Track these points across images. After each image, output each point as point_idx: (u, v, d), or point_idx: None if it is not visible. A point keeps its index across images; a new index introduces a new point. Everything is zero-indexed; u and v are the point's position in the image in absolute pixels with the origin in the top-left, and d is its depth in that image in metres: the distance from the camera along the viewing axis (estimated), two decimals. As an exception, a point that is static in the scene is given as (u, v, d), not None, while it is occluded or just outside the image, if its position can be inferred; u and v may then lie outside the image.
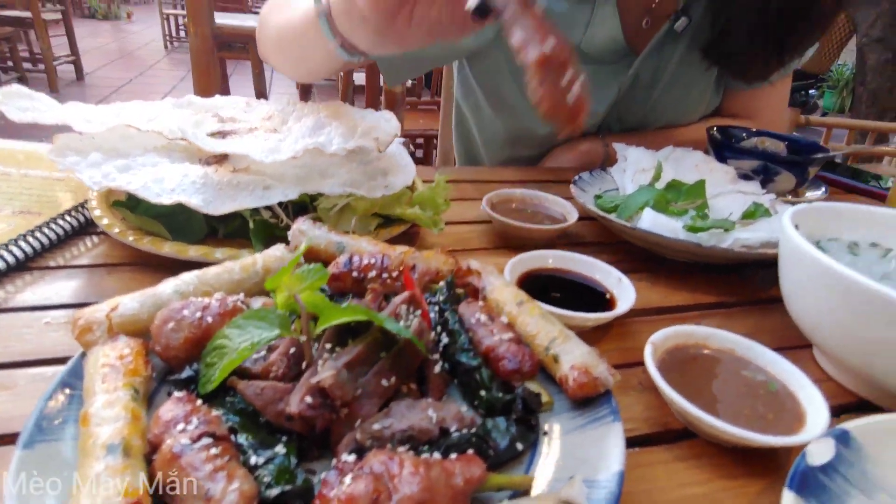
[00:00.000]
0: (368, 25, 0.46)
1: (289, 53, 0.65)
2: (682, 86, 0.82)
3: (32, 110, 0.48)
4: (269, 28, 0.69)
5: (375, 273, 0.36)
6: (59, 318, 0.39)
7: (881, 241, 0.44)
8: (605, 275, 0.45)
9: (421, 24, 0.45)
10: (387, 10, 0.43)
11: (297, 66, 0.68)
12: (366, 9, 0.43)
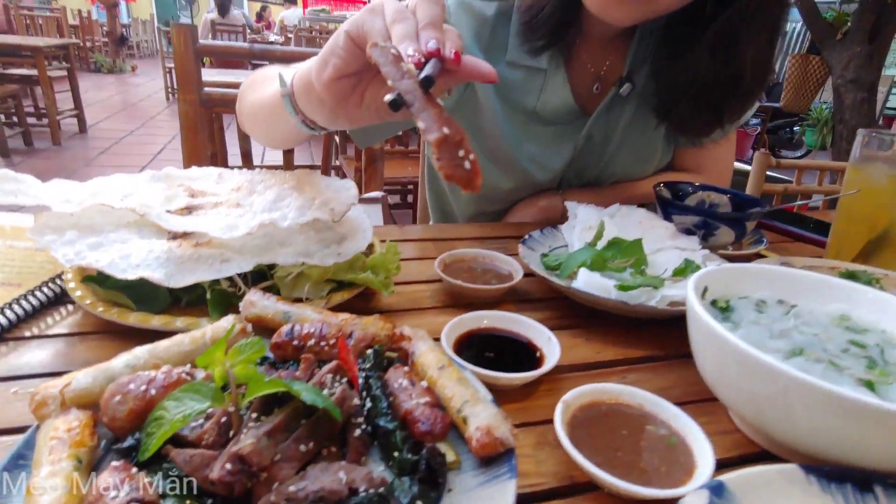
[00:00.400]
0: (325, 106, 0.51)
1: (261, 127, 0.72)
2: (632, 144, 0.88)
3: (18, 193, 0.52)
4: (244, 104, 0.76)
5: (314, 341, 0.40)
6: (28, 387, 0.42)
7: (787, 298, 0.49)
8: (537, 333, 0.49)
9: (370, 107, 0.51)
10: (339, 94, 0.49)
11: (268, 138, 0.75)
12: (322, 92, 0.49)
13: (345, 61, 0.46)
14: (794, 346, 0.41)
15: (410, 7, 0.44)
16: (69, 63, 4.88)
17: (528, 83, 0.82)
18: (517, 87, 0.83)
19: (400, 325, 0.53)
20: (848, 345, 0.42)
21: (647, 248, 0.65)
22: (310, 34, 6.42)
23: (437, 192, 1.03)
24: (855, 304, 0.47)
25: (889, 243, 0.70)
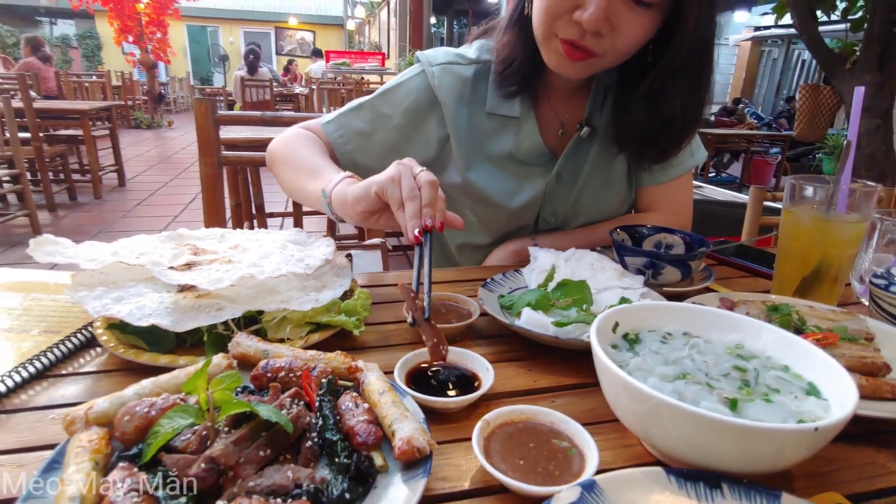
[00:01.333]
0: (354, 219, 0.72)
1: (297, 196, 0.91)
2: (598, 181, 1.00)
3: (55, 254, 0.65)
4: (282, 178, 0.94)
5: (284, 373, 0.50)
6: (62, 414, 0.53)
7: (692, 330, 0.56)
8: (479, 364, 0.58)
9: (383, 226, 0.72)
10: (364, 219, 0.71)
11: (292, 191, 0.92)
12: (352, 218, 0.72)
13: (371, 206, 0.68)
14: (680, 371, 0.49)
15: (418, 182, 0.66)
16: (111, 123, 5.28)
17: (504, 130, 0.97)
18: (496, 133, 0.98)
19: (372, 359, 0.63)
20: (730, 369, 0.50)
21: (595, 287, 0.74)
22: (332, 85, 6.78)
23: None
24: (747, 335, 0.54)
25: (821, 280, 0.77)
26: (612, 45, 0.78)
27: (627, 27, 0.76)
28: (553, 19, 0.78)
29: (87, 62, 17.46)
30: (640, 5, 0.75)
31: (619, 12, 0.74)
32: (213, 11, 16.70)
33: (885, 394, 0.55)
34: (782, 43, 12.58)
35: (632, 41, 0.78)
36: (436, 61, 0.96)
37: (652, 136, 0.90)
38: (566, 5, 0.76)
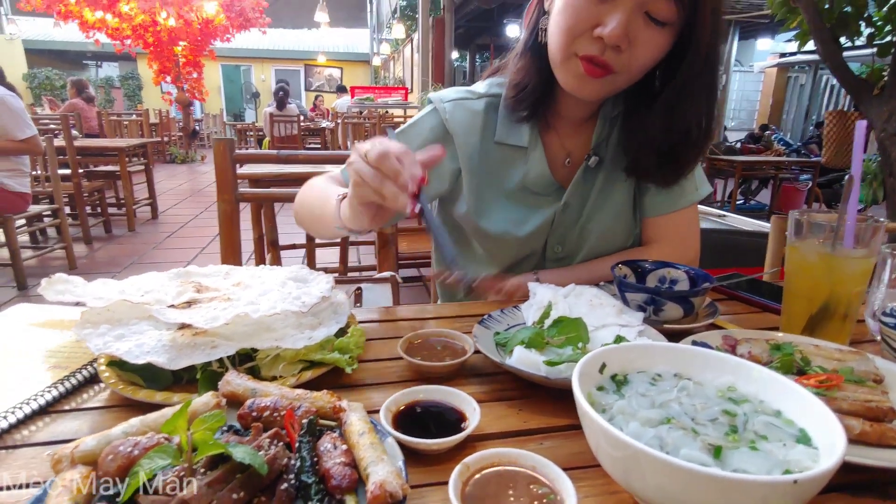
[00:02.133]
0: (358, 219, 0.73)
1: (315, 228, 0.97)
2: (603, 211, 1.01)
3: (66, 292, 0.68)
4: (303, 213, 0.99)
5: (268, 413, 0.51)
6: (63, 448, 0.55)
7: (684, 371, 0.55)
8: (466, 404, 0.58)
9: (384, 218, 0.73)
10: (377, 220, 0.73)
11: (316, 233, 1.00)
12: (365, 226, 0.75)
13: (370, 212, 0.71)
14: (666, 415, 0.48)
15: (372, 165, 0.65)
16: (146, 159, 5.52)
17: (512, 159, 1.00)
18: (504, 163, 1.01)
19: (365, 396, 0.64)
20: (719, 413, 0.48)
21: (592, 324, 0.73)
22: (357, 119, 6.97)
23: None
24: (739, 378, 0.53)
25: (830, 317, 0.75)
26: (629, 62, 0.82)
27: (644, 44, 0.80)
28: (574, 38, 0.82)
29: (129, 101, 18.40)
30: (657, 24, 0.79)
31: (637, 29, 0.79)
32: (246, 51, 17.47)
33: (891, 441, 0.52)
34: (809, 68, 12.43)
35: (647, 58, 0.82)
36: (447, 98, 1.01)
37: (671, 148, 0.92)
38: (587, 23, 0.80)
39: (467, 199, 1.00)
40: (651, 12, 0.78)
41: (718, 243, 2.46)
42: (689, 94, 0.87)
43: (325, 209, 0.85)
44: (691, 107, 0.88)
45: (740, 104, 14.83)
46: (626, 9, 0.77)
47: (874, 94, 3.83)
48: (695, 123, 0.90)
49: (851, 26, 3.93)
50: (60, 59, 18.23)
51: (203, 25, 10.73)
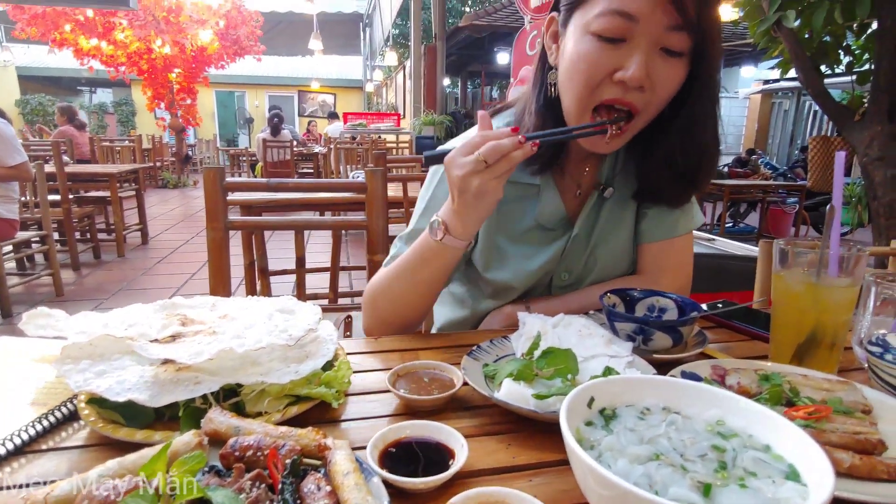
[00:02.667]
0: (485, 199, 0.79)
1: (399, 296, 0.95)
2: (611, 236, 1.03)
3: (47, 326, 0.67)
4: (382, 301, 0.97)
5: (251, 452, 0.50)
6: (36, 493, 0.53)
7: (672, 405, 0.55)
8: (454, 440, 0.57)
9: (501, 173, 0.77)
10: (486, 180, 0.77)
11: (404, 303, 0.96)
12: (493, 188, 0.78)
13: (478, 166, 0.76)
14: (654, 451, 0.47)
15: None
16: (138, 184, 5.51)
17: (526, 199, 1.01)
18: (518, 201, 1.01)
19: (352, 431, 0.63)
20: (708, 449, 0.48)
21: (581, 355, 0.73)
22: (350, 144, 7.03)
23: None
24: (727, 411, 0.52)
25: (817, 346, 0.75)
26: (651, 99, 0.83)
27: (665, 79, 0.81)
28: (593, 87, 0.83)
29: (122, 127, 18.46)
30: (673, 56, 0.80)
31: (655, 66, 0.80)
32: (240, 78, 17.64)
33: (880, 474, 0.52)
34: (792, 95, 12.73)
35: (669, 92, 0.84)
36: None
37: (690, 165, 0.93)
38: (606, 70, 0.81)
39: (480, 248, 1.02)
40: (667, 46, 0.79)
41: (709, 267, 2.48)
42: (704, 117, 0.89)
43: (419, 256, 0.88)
44: (705, 128, 0.90)
45: (727, 129, 15.10)
46: (644, 48, 0.78)
47: (855, 121, 3.92)
48: (710, 143, 0.92)
49: (831, 55, 4.04)
50: (54, 85, 18.33)
51: (198, 53, 10.85)
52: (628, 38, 0.78)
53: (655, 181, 0.98)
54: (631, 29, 0.77)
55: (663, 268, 1.03)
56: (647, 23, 0.76)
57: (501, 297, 1.03)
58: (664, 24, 0.76)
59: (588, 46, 0.80)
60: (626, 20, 0.77)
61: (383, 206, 1.45)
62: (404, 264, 0.91)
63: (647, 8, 0.75)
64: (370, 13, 15.77)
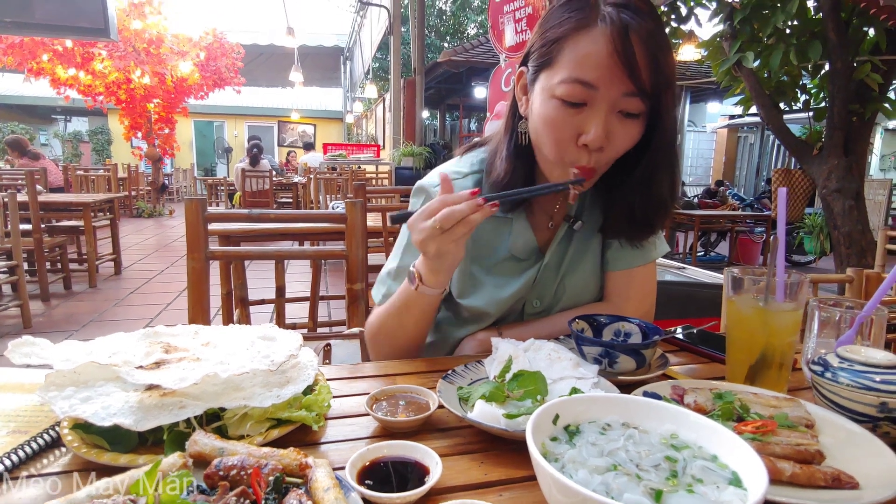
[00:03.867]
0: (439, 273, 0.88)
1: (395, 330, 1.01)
2: (579, 265, 1.09)
3: (31, 355, 0.68)
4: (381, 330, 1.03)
5: (235, 471, 0.52)
6: (18, 517, 0.54)
7: (631, 420, 0.59)
8: (429, 458, 0.60)
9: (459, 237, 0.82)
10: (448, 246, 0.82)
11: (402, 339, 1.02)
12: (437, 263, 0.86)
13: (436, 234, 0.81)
14: (612, 462, 0.51)
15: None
16: (113, 214, 5.45)
17: (498, 231, 1.07)
18: (492, 232, 1.06)
19: (332, 452, 0.65)
20: (661, 460, 0.52)
21: (550, 377, 0.77)
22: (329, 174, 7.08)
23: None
24: (680, 425, 0.57)
25: (768, 366, 0.80)
26: (609, 157, 0.90)
27: (622, 138, 0.88)
28: (564, 149, 0.90)
29: (97, 156, 18.23)
30: (630, 117, 0.87)
31: (614, 127, 0.87)
32: (219, 108, 17.69)
33: (818, 482, 0.57)
34: (757, 129, 13.32)
35: (625, 147, 0.91)
36: (435, 183, 1.07)
37: (647, 214, 1.01)
38: (571, 134, 0.88)
39: (455, 278, 1.07)
40: (624, 109, 0.85)
41: (679, 295, 2.56)
42: (661, 167, 0.96)
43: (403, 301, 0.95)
44: (663, 177, 0.98)
45: (696, 161, 15.66)
46: (603, 113, 0.85)
47: (814, 154, 4.14)
48: (667, 191, 0.99)
49: (788, 93, 4.29)
50: (28, 113, 18.09)
51: (178, 84, 10.89)
52: (589, 102, 0.85)
53: (617, 225, 1.05)
54: (591, 95, 0.84)
55: (627, 295, 1.08)
56: (605, 90, 0.83)
57: (476, 322, 1.08)
58: (621, 90, 0.83)
59: (553, 111, 0.87)
60: (587, 88, 0.83)
61: (363, 236, 1.49)
62: (392, 308, 0.98)
63: (606, 77, 0.82)
64: (351, 47, 16.10)
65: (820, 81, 4.14)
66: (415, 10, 8.62)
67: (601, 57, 0.82)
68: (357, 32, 14.49)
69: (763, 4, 3.73)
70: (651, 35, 0.82)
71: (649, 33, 0.82)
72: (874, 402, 0.66)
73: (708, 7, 4.30)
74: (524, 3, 3.77)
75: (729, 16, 3.94)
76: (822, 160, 4.02)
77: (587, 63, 0.83)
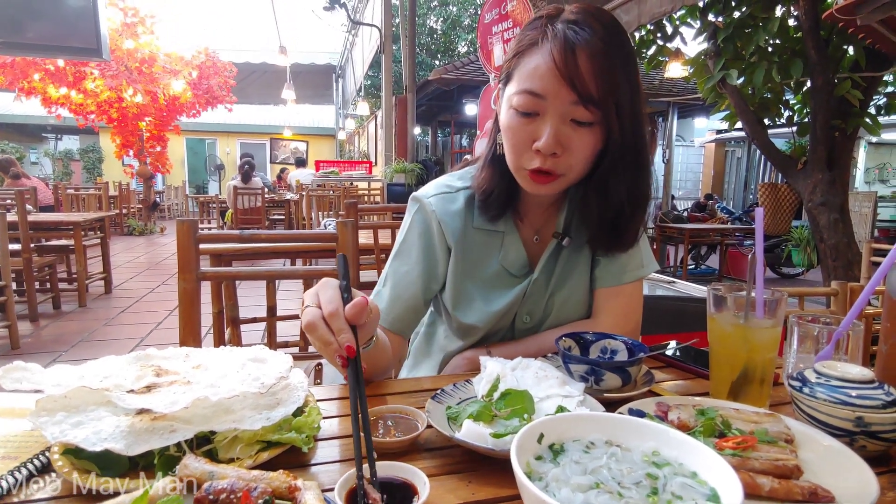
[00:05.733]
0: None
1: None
2: (568, 282, 1.11)
3: (23, 380, 0.69)
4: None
5: (225, 495, 0.53)
6: (8, 544, 0.54)
7: (614, 438, 0.61)
8: (417, 478, 0.61)
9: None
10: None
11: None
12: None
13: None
14: (595, 480, 0.53)
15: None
16: (104, 232, 5.42)
17: (489, 245, 1.10)
18: (484, 246, 1.10)
19: (322, 474, 0.66)
20: (643, 477, 0.53)
21: (537, 396, 0.78)
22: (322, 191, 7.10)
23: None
24: (662, 443, 0.58)
25: (749, 382, 0.82)
26: (569, 163, 0.94)
27: (577, 145, 0.93)
28: (519, 154, 0.96)
29: (88, 174, 18.18)
30: (581, 125, 0.92)
31: (567, 135, 0.92)
32: (211, 126, 17.73)
33: (796, 496, 0.58)
34: (744, 143, 13.54)
35: (583, 154, 0.95)
36: (430, 194, 1.12)
37: (605, 220, 1.04)
38: (527, 141, 0.94)
39: (448, 289, 1.10)
40: (575, 118, 0.91)
41: (670, 309, 2.59)
42: (614, 173, 0.99)
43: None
44: (619, 186, 1.00)
45: (686, 175, 15.86)
46: (553, 121, 0.90)
47: (798, 169, 4.21)
48: (625, 198, 1.01)
49: (772, 109, 4.38)
50: (18, 132, 18.05)
51: (170, 102, 10.93)
52: (541, 112, 0.91)
53: (588, 233, 1.08)
54: (541, 105, 0.90)
55: (613, 312, 1.10)
56: (553, 100, 0.89)
57: (466, 336, 1.10)
58: (568, 100, 0.89)
59: (510, 120, 0.95)
60: (536, 98, 0.90)
61: (354, 255, 1.51)
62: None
63: (552, 88, 0.88)
64: (343, 65, 16.25)
65: (802, 98, 4.24)
66: (406, 28, 8.74)
67: (546, 69, 0.88)
68: (349, 51, 14.65)
69: (745, 23, 3.83)
70: (599, 48, 0.87)
71: (597, 47, 0.87)
72: (850, 417, 0.68)
73: (692, 26, 4.40)
74: (512, 25, 3.85)
75: (712, 34, 4.04)
76: (807, 174, 4.10)
77: (535, 75, 0.90)
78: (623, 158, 0.97)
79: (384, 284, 1.12)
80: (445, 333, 1.14)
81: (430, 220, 1.09)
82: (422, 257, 1.09)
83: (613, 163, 0.97)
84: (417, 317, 1.12)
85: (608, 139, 0.95)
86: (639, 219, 1.06)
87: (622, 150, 0.96)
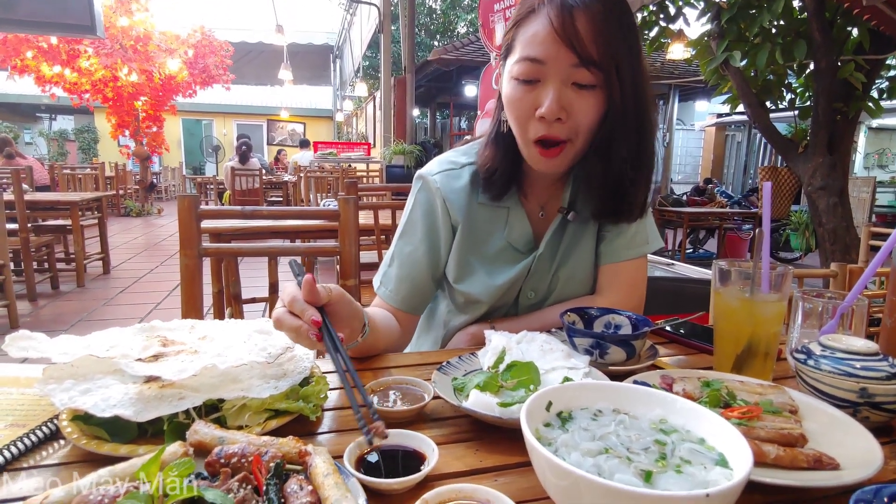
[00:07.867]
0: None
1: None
2: (573, 257, 1.11)
3: (29, 349, 0.69)
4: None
5: (236, 459, 0.53)
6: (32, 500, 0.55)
7: (621, 406, 0.61)
8: (426, 445, 0.61)
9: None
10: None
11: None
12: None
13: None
14: (604, 446, 0.53)
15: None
16: (101, 213, 5.39)
17: (495, 220, 1.09)
18: (489, 222, 1.09)
19: (329, 442, 0.66)
20: (651, 443, 0.54)
21: (543, 368, 0.78)
22: (319, 173, 7.06)
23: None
24: (669, 411, 0.59)
25: (754, 355, 0.83)
26: (574, 127, 0.93)
27: (580, 108, 0.92)
28: (524, 125, 0.95)
29: (84, 155, 18.01)
30: (583, 88, 0.91)
31: (570, 99, 0.91)
32: (208, 106, 17.55)
33: (801, 463, 0.59)
34: (744, 127, 13.47)
35: (588, 118, 0.93)
36: (434, 171, 1.10)
37: (610, 187, 1.02)
38: (529, 109, 0.93)
39: (451, 262, 1.09)
40: (577, 81, 0.90)
41: (668, 290, 2.60)
42: (618, 137, 0.97)
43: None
44: (621, 148, 0.98)
45: (685, 159, 15.80)
46: (555, 85, 0.90)
47: (799, 152, 4.19)
48: (629, 162, 1.00)
49: (774, 92, 4.34)
50: (11, 112, 17.84)
51: (165, 81, 10.79)
52: (542, 78, 0.91)
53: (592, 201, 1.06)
54: (542, 71, 0.90)
55: (617, 288, 1.11)
56: (553, 64, 0.89)
57: (470, 310, 1.10)
58: (568, 62, 0.88)
59: (512, 90, 0.94)
60: (536, 64, 0.90)
61: (355, 233, 1.50)
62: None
63: (552, 52, 0.88)
64: (340, 45, 16.04)
65: (805, 80, 4.20)
66: (405, 8, 8.61)
67: (545, 34, 0.88)
68: (347, 30, 14.44)
69: (749, 4, 3.78)
70: (598, 10, 0.87)
71: (595, 9, 0.87)
72: (854, 388, 0.68)
73: (696, 6, 4.34)
74: (514, 2, 3.79)
75: (716, 15, 3.99)
76: (808, 158, 4.08)
77: (534, 41, 0.89)
78: (625, 121, 0.95)
79: (390, 265, 1.11)
80: (448, 308, 1.14)
81: (434, 198, 1.09)
82: (426, 236, 1.09)
83: (615, 125, 0.96)
84: (426, 294, 1.12)
85: (610, 103, 0.94)
86: (643, 183, 1.04)
87: (624, 113, 0.95)
